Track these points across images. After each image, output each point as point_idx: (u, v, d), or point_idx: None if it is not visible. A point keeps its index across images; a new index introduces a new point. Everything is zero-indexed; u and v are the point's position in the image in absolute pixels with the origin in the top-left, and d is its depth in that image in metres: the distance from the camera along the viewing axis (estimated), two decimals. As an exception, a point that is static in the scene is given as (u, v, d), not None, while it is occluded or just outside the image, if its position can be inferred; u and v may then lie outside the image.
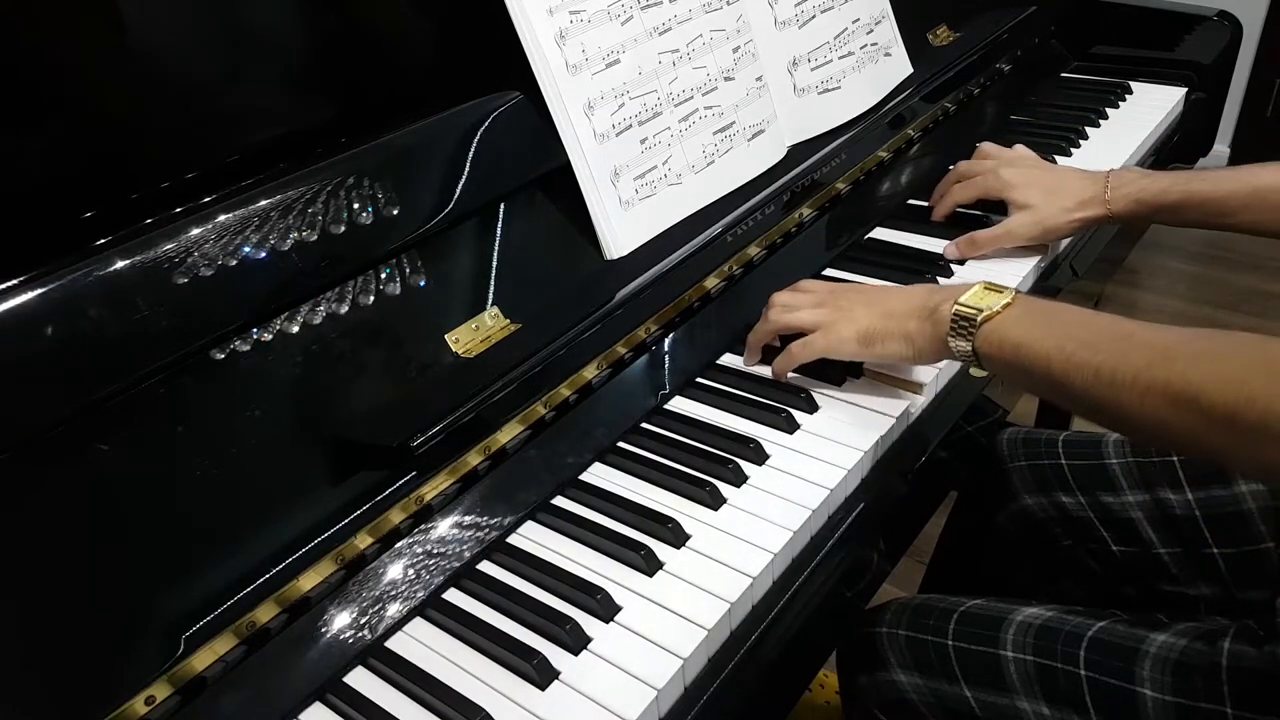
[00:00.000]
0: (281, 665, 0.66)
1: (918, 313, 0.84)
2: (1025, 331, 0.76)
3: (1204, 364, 0.65)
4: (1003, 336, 0.77)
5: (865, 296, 0.90)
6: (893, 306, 0.87)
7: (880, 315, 0.86)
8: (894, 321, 0.85)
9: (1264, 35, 2.92)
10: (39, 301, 0.60)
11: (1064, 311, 0.78)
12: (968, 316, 0.79)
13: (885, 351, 0.86)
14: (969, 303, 0.80)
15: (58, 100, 0.68)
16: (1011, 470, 1.07)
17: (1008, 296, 0.79)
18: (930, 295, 0.85)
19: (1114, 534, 1.00)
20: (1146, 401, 0.67)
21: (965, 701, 0.84)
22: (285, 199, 0.72)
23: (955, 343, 0.80)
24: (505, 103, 0.86)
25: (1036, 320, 0.77)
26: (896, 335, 0.85)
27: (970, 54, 1.37)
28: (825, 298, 0.91)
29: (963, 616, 0.87)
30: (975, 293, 0.81)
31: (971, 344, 0.79)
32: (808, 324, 0.89)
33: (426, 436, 0.72)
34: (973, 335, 0.79)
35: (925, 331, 0.83)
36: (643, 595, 0.72)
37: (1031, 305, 0.79)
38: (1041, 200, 1.09)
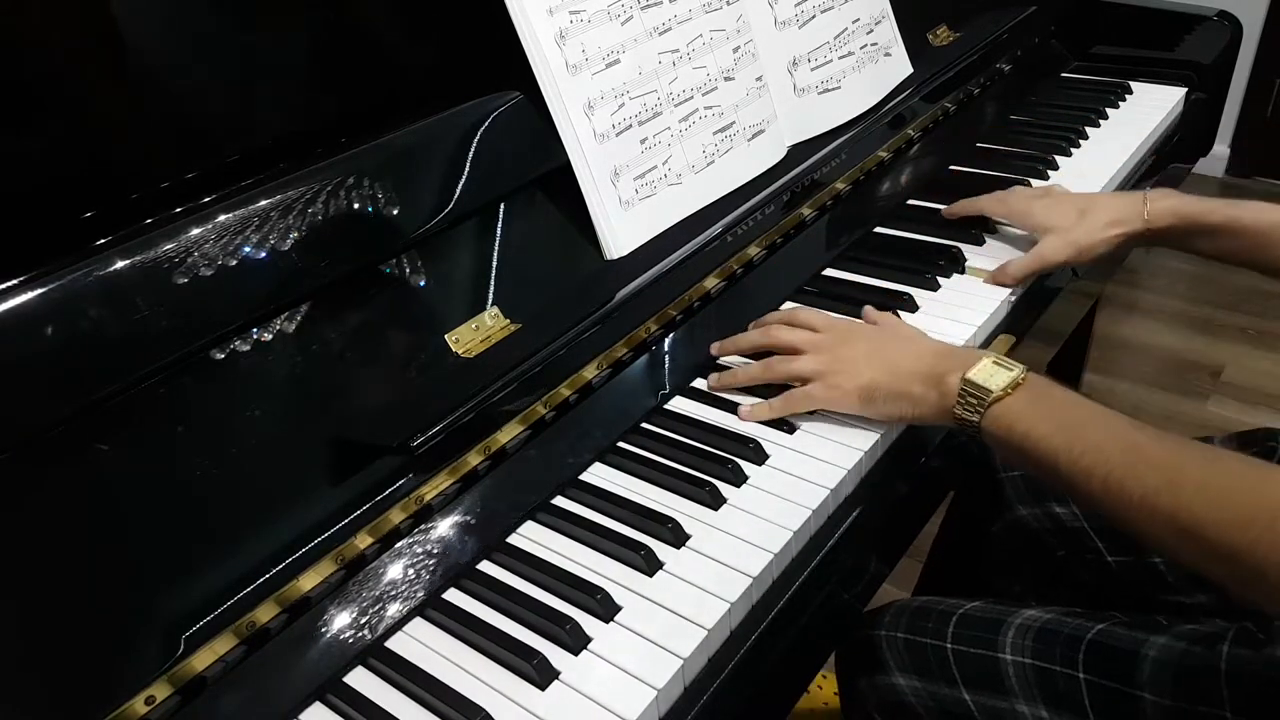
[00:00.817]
0: (281, 665, 0.66)
1: (924, 378, 0.82)
2: (1034, 423, 0.75)
3: (1209, 499, 0.65)
4: (1011, 423, 0.76)
5: (869, 346, 0.87)
6: (899, 364, 0.84)
7: (885, 371, 0.84)
8: (898, 381, 0.83)
9: (1264, 35, 2.92)
10: (39, 301, 0.60)
11: (1073, 405, 0.76)
12: (976, 395, 0.78)
13: (885, 411, 0.84)
14: (978, 380, 0.78)
15: (58, 100, 0.68)
16: (1005, 480, 1.07)
17: (1018, 374, 0.78)
18: (938, 361, 0.83)
19: (1108, 544, 0.99)
20: (1152, 523, 0.67)
21: (964, 705, 0.84)
22: (285, 199, 0.72)
23: (961, 416, 0.79)
24: (505, 103, 0.86)
25: (1046, 411, 0.75)
26: (899, 396, 0.83)
27: (970, 54, 1.37)
28: (826, 342, 0.88)
29: (961, 619, 0.87)
30: (984, 368, 0.79)
31: (978, 422, 0.78)
32: (807, 374, 0.87)
33: (426, 436, 0.72)
34: (980, 413, 0.78)
35: (930, 399, 0.82)
36: (643, 595, 0.72)
37: (1041, 392, 0.77)
38: (1073, 221, 1.07)
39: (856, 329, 0.92)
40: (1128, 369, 2.34)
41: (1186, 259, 2.71)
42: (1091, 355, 2.05)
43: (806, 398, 0.87)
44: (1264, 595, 0.63)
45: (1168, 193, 1.07)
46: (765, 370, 0.90)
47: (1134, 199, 1.07)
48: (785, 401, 0.87)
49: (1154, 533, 0.68)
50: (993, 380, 0.78)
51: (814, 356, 0.88)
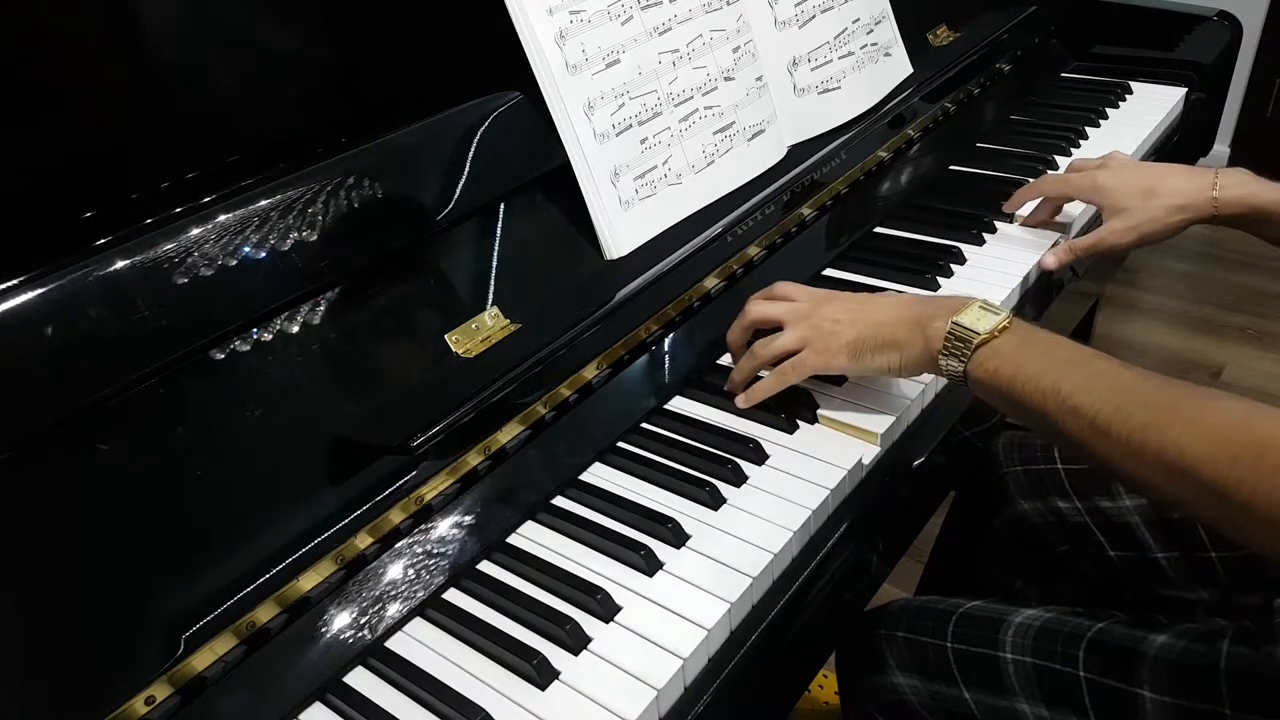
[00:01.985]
0: (281, 665, 0.66)
1: (908, 323, 0.81)
2: (1021, 364, 0.74)
3: (1198, 435, 0.64)
4: (998, 365, 0.75)
5: (847, 306, 0.86)
6: (880, 316, 0.84)
7: (868, 325, 0.83)
8: (883, 331, 0.82)
9: (1264, 35, 2.92)
10: (39, 301, 0.60)
11: (1061, 347, 0.75)
12: (963, 338, 0.77)
13: (873, 364, 0.83)
14: (964, 323, 0.77)
15: (58, 100, 0.68)
16: (1008, 476, 1.07)
17: (1004, 319, 0.77)
18: (922, 307, 0.82)
19: (1111, 539, 1.00)
20: (1139, 461, 0.66)
21: (964, 703, 0.84)
22: (285, 199, 0.72)
23: (946, 362, 0.78)
24: (505, 103, 0.86)
25: (1034, 353, 0.74)
26: (885, 346, 0.82)
27: (970, 54, 1.37)
28: (805, 309, 0.87)
29: (961, 618, 0.87)
30: (971, 312, 0.78)
31: (964, 366, 0.77)
32: (793, 346, 0.85)
33: (426, 436, 0.72)
34: (966, 357, 0.77)
35: (915, 344, 0.80)
36: (643, 595, 0.72)
37: (1028, 335, 0.76)
38: (1138, 203, 1.04)
39: (834, 293, 0.90)
40: (1128, 369, 2.33)
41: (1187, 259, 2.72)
42: (1091, 355, 2.05)
43: (797, 367, 0.85)
44: (1253, 532, 0.62)
45: (1239, 179, 1.03)
46: (752, 361, 0.88)
47: (1203, 182, 1.03)
48: (778, 376, 0.86)
49: (1142, 472, 0.67)
50: (979, 324, 0.77)
51: (795, 327, 0.86)
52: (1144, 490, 0.68)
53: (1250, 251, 2.64)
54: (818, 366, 0.85)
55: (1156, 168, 1.10)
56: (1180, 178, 1.05)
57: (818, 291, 0.91)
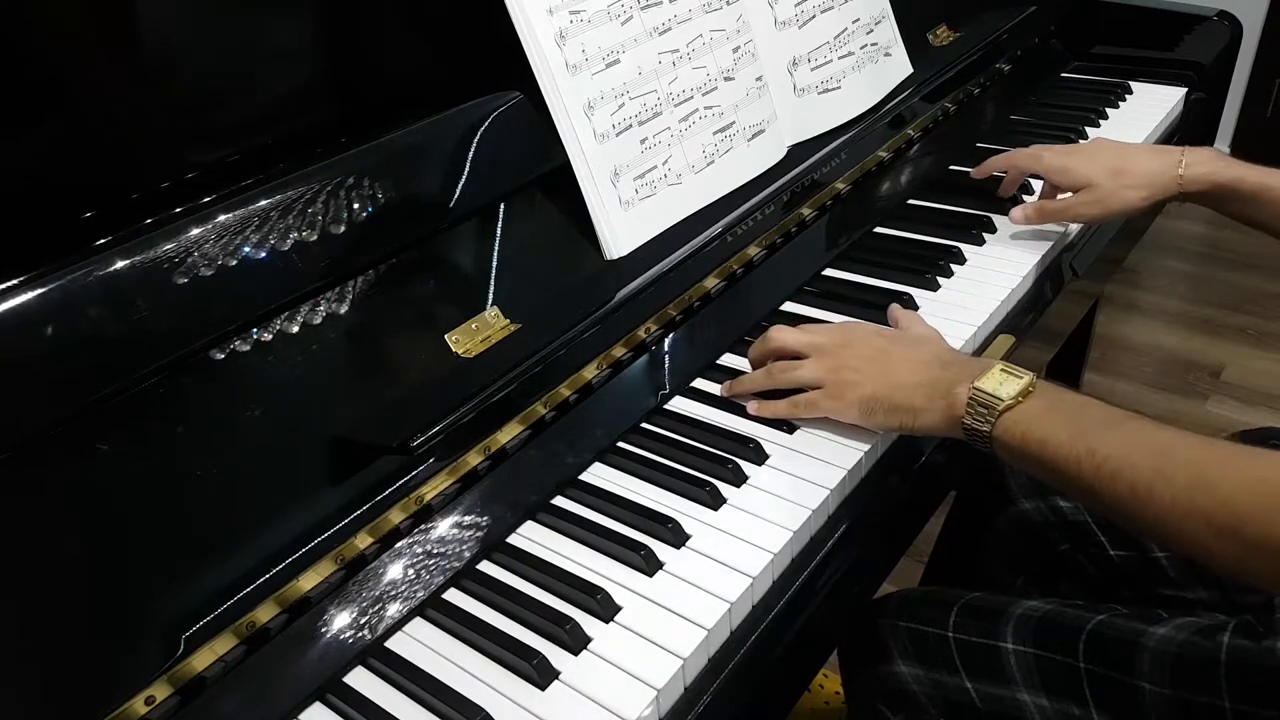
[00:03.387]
0: (281, 665, 0.66)
1: (927, 388, 0.80)
2: (1051, 429, 0.72)
3: (1248, 493, 0.62)
4: (1026, 430, 0.73)
5: (871, 353, 0.85)
6: (899, 378, 0.82)
7: (885, 383, 0.82)
8: (899, 394, 0.81)
9: (1264, 35, 2.92)
10: (39, 301, 0.60)
11: (1091, 407, 0.74)
12: (986, 403, 0.75)
13: (887, 423, 0.82)
14: (987, 388, 0.75)
15: (58, 100, 0.68)
16: (1009, 474, 1.07)
17: (1028, 382, 0.75)
18: (943, 370, 0.80)
19: (1112, 537, 1.00)
20: (1185, 524, 0.65)
21: (966, 693, 0.84)
22: (285, 199, 0.72)
23: (971, 428, 0.76)
24: (505, 103, 0.86)
25: (1062, 417, 0.73)
26: (902, 409, 0.81)
27: (970, 54, 1.37)
28: (828, 346, 0.86)
29: (963, 609, 0.87)
30: (993, 376, 0.76)
31: (990, 431, 0.75)
32: (810, 381, 0.85)
33: (426, 436, 0.72)
34: (991, 423, 0.75)
35: (936, 409, 0.79)
36: (643, 595, 0.72)
37: (1055, 397, 0.75)
38: (1105, 180, 1.07)
39: (859, 334, 0.88)
40: (1128, 369, 2.34)
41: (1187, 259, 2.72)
42: (1091, 355, 2.05)
43: (811, 405, 0.85)
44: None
45: (1206, 155, 1.05)
46: (767, 377, 0.88)
47: (1169, 161, 1.05)
48: (790, 406, 0.86)
49: (1189, 534, 0.65)
50: (1003, 389, 0.75)
51: (816, 362, 0.85)
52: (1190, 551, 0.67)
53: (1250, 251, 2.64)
54: (829, 412, 0.84)
55: (1124, 147, 1.13)
56: (1147, 157, 1.08)
57: (844, 327, 0.90)
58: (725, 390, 0.91)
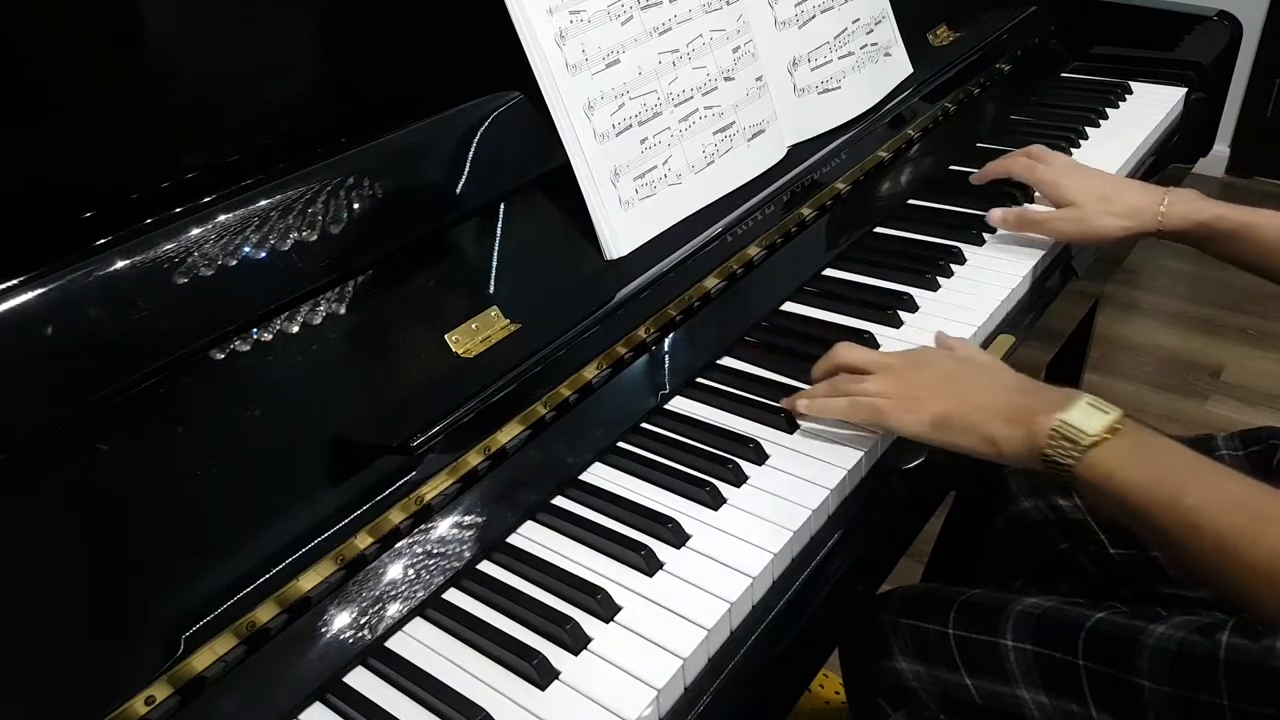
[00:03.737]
0: (281, 665, 0.66)
1: (1006, 413, 0.76)
2: (1135, 473, 0.70)
3: None
4: (1110, 471, 0.70)
5: (943, 372, 0.83)
6: (977, 398, 0.79)
7: (962, 402, 0.79)
8: (978, 415, 0.78)
9: (1264, 35, 2.92)
10: (39, 301, 0.60)
11: (1175, 453, 0.71)
12: (1071, 437, 0.72)
13: (959, 442, 0.79)
14: (1073, 422, 0.72)
15: (58, 100, 0.68)
16: (1009, 474, 1.07)
17: (1115, 417, 0.72)
18: (1023, 398, 0.77)
19: (1111, 536, 1.00)
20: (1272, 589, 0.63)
21: (965, 689, 0.84)
22: (285, 199, 0.72)
23: (1051, 461, 0.73)
24: (505, 103, 0.86)
25: (1149, 461, 0.70)
26: (978, 433, 0.78)
27: (970, 54, 1.37)
28: (896, 364, 0.84)
29: (963, 606, 0.88)
30: (1080, 409, 0.73)
31: (1072, 466, 0.72)
32: (874, 395, 0.82)
33: (426, 436, 0.72)
34: (1075, 459, 0.72)
35: (1015, 438, 0.75)
36: (643, 595, 0.72)
37: (1142, 438, 0.72)
38: (1092, 203, 1.08)
39: (931, 356, 0.87)
40: (1128, 369, 2.34)
41: (1187, 259, 2.72)
42: (1091, 355, 2.05)
43: (875, 410, 0.81)
44: None
45: (1188, 196, 1.07)
46: (831, 389, 0.85)
47: (1153, 198, 1.07)
48: (851, 405, 0.83)
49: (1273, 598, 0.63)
50: (1089, 423, 0.72)
51: (883, 378, 0.83)
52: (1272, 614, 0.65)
53: (1250, 251, 2.64)
54: (893, 424, 0.81)
55: (1115, 178, 1.15)
56: (1135, 192, 1.10)
57: (912, 353, 0.88)
58: (787, 403, 0.87)
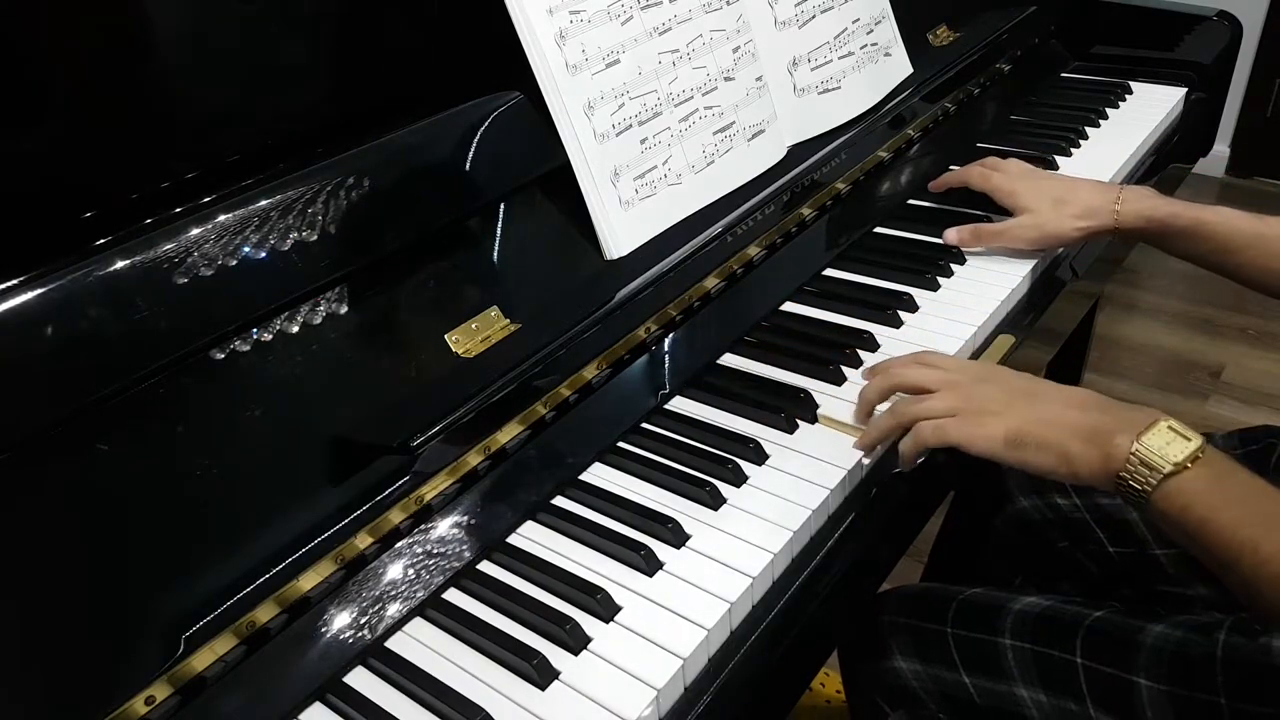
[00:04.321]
0: (281, 665, 0.66)
1: (1083, 433, 0.73)
2: (1214, 509, 0.67)
3: None
4: (1187, 503, 0.68)
5: (1010, 391, 0.79)
6: (1049, 414, 0.75)
7: (1033, 418, 0.75)
8: (1052, 433, 0.74)
9: (1264, 35, 2.92)
10: (39, 301, 0.60)
11: (1261, 494, 0.68)
12: (1150, 464, 0.69)
13: (1033, 461, 0.75)
14: (1153, 448, 0.69)
15: (58, 100, 0.68)
16: (1008, 473, 1.07)
17: (1196, 446, 0.69)
18: (1100, 416, 0.74)
19: (1110, 535, 1.00)
20: None
21: (964, 688, 0.85)
22: (285, 199, 0.72)
23: (1128, 486, 0.70)
24: (505, 103, 0.86)
25: (1231, 497, 0.68)
26: (1052, 450, 0.74)
27: (970, 54, 1.37)
28: (959, 380, 0.80)
29: (962, 605, 0.88)
30: (1160, 434, 0.70)
31: (1149, 494, 0.69)
32: (940, 413, 0.78)
33: (426, 436, 0.72)
34: (1152, 486, 0.69)
35: (1091, 460, 0.72)
36: (643, 595, 0.72)
37: (1223, 471, 0.69)
38: (1047, 208, 1.09)
39: (998, 371, 0.84)
40: (1128, 369, 2.34)
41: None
42: (1091, 355, 2.05)
43: (938, 432, 0.77)
44: None
45: (1142, 193, 1.07)
46: (894, 419, 0.81)
47: (1108, 196, 1.08)
48: (915, 440, 0.79)
49: None
50: (1169, 450, 0.69)
51: (947, 395, 0.79)
52: None
53: (1250, 251, 2.64)
54: (960, 442, 0.77)
55: (1069, 180, 1.16)
56: (1088, 191, 1.10)
57: (973, 365, 0.86)
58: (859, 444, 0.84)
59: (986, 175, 1.15)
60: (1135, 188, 1.09)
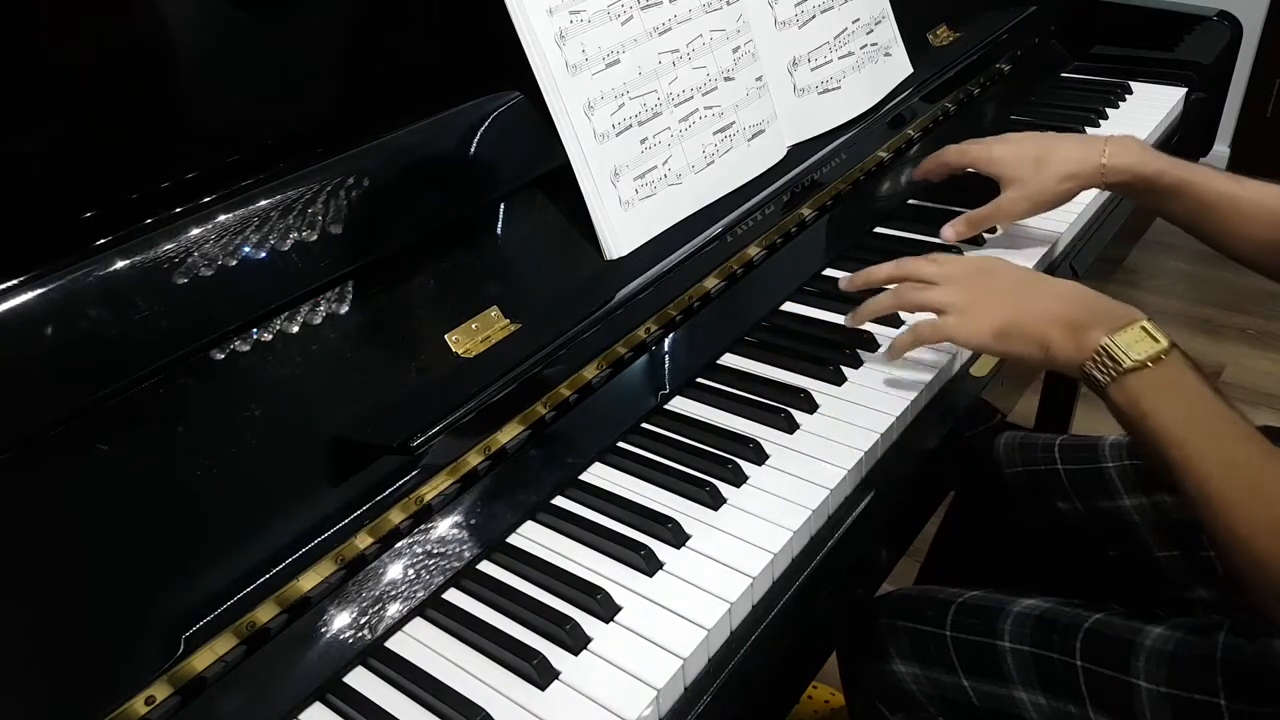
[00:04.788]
0: (281, 665, 0.66)
1: (1063, 323, 0.79)
2: (1159, 405, 0.73)
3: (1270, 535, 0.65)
4: (1137, 397, 0.74)
5: (1008, 280, 0.85)
6: (1039, 304, 0.82)
7: (1024, 310, 0.82)
8: (1034, 321, 0.81)
9: (1264, 35, 2.92)
10: (39, 301, 0.60)
11: (1200, 400, 0.73)
12: (1115, 359, 0.75)
13: (1018, 350, 0.82)
14: (1119, 344, 0.75)
15: (58, 100, 0.68)
16: (1008, 477, 1.07)
17: (1161, 347, 0.75)
18: (1081, 306, 0.80)
19: (1111, 538, 1.00)
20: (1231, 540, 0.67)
21: (964, 691, 0.84)
22: (285, 199, 0.72)
23: (1090, 374, 0.77)
24: (505, 103, 0.86)
25: (1174, 397, 0.73)
26: (1033, 337, 0.81)
27: (970, 54, 1.37)
28: (961, 273, 0.86)
29: (961, 608, 0.87)
30: (1131, 332, 0.76)
31: (1106, 385, 0.76)
32: (939, 305, 0.85)
33: (426, 436, 0.72)
34: (1111, 378, 0.75)
35: (1066, 348, 0.79)
36: (643, 595, 0.72)
37: (1178, 374, 0.74)
38: (1030, 172, 1.06)
39: (997, 264, 0.89)
40: (1128, 369, 2.33)
41: (1187, 259, 2.72)
42: (1092, 355, 2.05)
43: (938, 330, 0.84)
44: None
45: (1129, 146, 1.05)
46: (895, 299, 0.88)
47: (1093, 150, 1.05)
48: (913, 335, 0.86)
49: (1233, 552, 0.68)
50: (1135, 348, 0.75)
51: (948, 288, 0.85)
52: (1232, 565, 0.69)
53: (1250, 251, 2.64)
54: (959, 338, 0.84)
55: (1049, 138, 1.11)
56: (1070, 145, 1.07)
57: (976, 260, 0.90)
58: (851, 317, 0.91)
59: (963, 150, 1.13)
60: (1122, 138, 1.06)
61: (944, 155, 1.16)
